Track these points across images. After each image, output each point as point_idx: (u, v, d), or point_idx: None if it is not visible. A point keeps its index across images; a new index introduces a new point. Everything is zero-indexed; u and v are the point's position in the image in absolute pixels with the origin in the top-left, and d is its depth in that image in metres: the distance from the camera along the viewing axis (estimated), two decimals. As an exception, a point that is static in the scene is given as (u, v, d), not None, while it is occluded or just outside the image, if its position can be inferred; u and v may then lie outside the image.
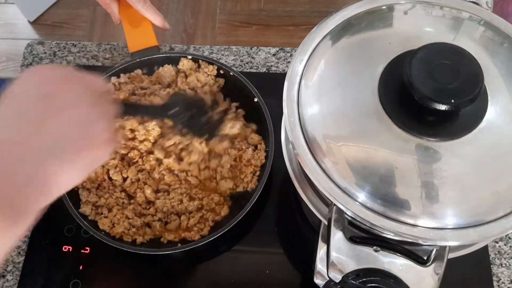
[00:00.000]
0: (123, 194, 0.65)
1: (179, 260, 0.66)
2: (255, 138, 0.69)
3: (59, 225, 0.67)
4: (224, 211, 0.64)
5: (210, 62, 0.71)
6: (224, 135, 0.67)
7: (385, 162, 0.41)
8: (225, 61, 0.79)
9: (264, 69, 0.79)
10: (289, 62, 0.79)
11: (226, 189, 0.65)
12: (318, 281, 0.49)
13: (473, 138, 0.41)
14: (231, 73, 0.70)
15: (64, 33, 1.76)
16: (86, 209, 0.63)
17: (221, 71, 0.71)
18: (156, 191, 0.65)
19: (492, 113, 0.42)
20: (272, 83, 0.69)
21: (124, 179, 0.65)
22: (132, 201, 0.64)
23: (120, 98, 0.67)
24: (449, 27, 0.48)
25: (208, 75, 0.71)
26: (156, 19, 0.70)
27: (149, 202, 0.65)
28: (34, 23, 1.80)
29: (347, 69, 0.46)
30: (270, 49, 0.80)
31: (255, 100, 0.68)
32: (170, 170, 0.65)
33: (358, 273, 0.42)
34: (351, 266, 0.42)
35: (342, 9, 0.49)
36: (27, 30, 1.79)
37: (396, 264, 0.42)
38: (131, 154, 0.65)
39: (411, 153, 0.41)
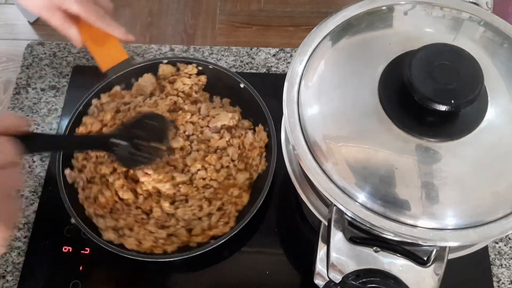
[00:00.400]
0: (139, 210, 0.64)
1: (180, 261, 0.66)
2: (245, 123, 0.69)
3: (59, 225, 0.67)
4: (245, 198, 0.64)
5: (187, 61, 0.71)
6: (223, 127, 0.67)
7: (385, 162, 0.41)
8: (225, 62, 0.79)
9: (264, 70, 0.79)
10: (289, 62, 0.79)
11: (244, 180, 0.65)
12: (318, 281, 0.49)
13: (473, 138, 0.41)
14: (210, 67, 0.70)
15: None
16: (110, 235, 0.61)
17: (200, 68, 0.71)
18: (173, 202, 0.64)
19: (492, 113, 0.42)
20: (272, 84, 0.69)
21: (136, 196, 0.64)
22: (151, 215, 0.63)
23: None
24: (449, 28, 0.48)
25: (190, 75, 0.71)
26: (118, 32, 0.66)
27: (169, 214, 0.64)
28: (34, 23, 1.80)
29: (347, 70, 0.46)
30: (270, 49, 0.80)
31: (242, 86, 0.68)
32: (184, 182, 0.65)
33: (358, 274, 0.42)
34: (351, 266, 0.42)
35: (342, 9, 0.49)
36: (27, 31, 1.79)
37: (396, 264, 0.42)
38: (131, 171, 0.65)
39: (411, 153, 0.41)
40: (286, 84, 0.46)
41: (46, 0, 0.58)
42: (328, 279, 0.43)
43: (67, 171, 0.64)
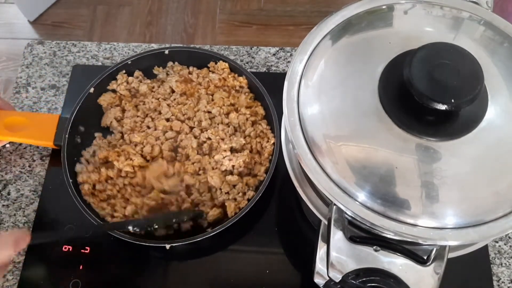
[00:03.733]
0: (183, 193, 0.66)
1: (180, 260, 0.66)
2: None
3: (59, 225, 0.67)
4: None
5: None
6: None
7: (385, 161, 0.41)
8: (225, 61, 0.79)
9: (264, 69, 0.79)
10: (289, 61, 0.79)
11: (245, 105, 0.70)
12: (318, 280, 0.49)
13: (473, 138, 0.41)
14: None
15: (64, 32, 1.76)
16: None
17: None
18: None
19: (492, 113, 0.42)
20: (272, 83, 0.69)
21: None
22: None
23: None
24: (449, 27, 0.48)
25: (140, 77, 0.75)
26: None
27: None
28: (34, 22, 1.80)
29: (347, 69, 0.46)
30: (270, 49, 0.80)
31: (166, 52, 0.74)
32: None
33: (358, 273, 0.42)
34: (351, 265, 0.42)
35: (342, 8, 0.49)
36: (27, 30, 1.79)
37: (396, 263, 0.42)
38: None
39: (411, 152, 0.41)
40: (286, 83, 0.46)
41: None
42: (328, 278, 0.43)
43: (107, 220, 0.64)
